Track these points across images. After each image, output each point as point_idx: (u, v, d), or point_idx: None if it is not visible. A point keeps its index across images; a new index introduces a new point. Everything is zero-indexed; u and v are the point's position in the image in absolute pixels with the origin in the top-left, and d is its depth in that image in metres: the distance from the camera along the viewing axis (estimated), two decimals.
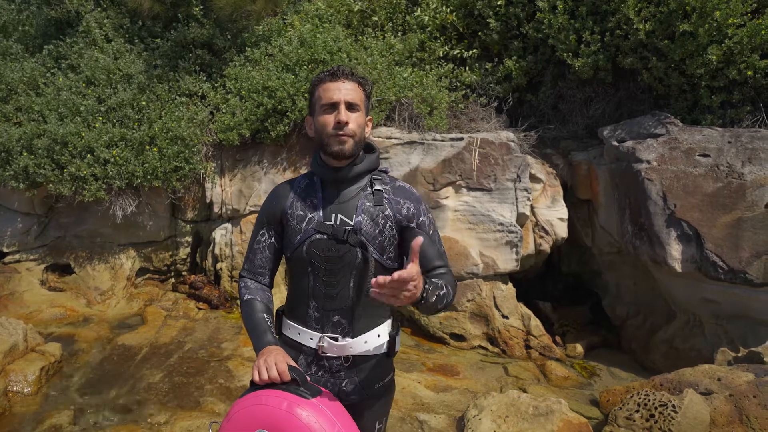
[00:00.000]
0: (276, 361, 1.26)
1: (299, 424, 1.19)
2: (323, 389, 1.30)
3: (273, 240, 1.50)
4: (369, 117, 1.47)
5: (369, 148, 1.48)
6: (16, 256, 4.75)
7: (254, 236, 1.53)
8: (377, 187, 1.44)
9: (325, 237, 1.41)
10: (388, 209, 1.44)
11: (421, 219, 1.47)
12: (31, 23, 5.30)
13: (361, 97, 1.40)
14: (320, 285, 1.43)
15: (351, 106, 1.37)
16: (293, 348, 1.48)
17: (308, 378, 1.31)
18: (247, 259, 1.54)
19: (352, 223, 1.41)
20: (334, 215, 1.42)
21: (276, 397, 1.23)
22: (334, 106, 1.36)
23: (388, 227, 1.44)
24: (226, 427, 1.26)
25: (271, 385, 1.26)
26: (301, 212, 1.44)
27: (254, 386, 1.28)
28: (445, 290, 1.33)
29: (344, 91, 1.36)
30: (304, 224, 1.43)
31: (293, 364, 1.30)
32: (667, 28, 4.26)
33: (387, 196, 1.45)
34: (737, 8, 3.95)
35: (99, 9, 5.09)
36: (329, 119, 1.36)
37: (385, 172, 1.51)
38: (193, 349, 3.88)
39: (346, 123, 1.35)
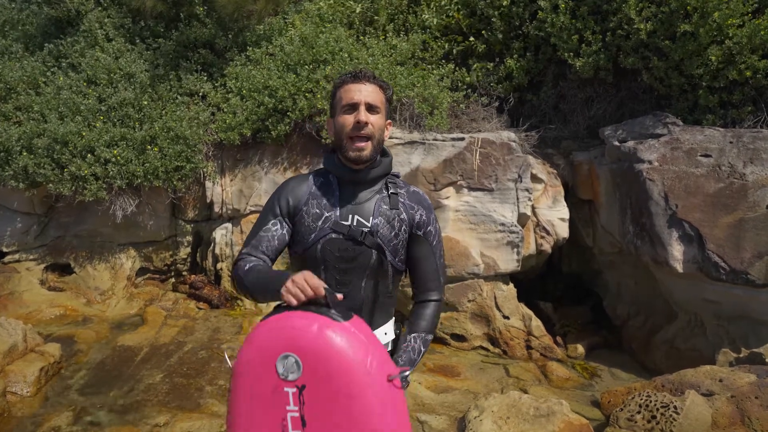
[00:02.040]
0: (305, 277, 1.17)
1: (331, 348, 1.11)
2: (354, 314, 1.23)
3: (284, 231, 1.46)
4: (389, 121, 1.48)
5: (383, 152, 1.49)
6: (16, 256, 4.74)
7: (262, 223, 1.47)
8: (393, 190, 1.47)
9: (341, 237, 1.41)
10: (404, 213, 1.46)
11: (428, 228, 1.49)
12: (32, 22, 5.29)
13: (382, 99, 1.41)
14: (332, 284, 1.42)
15: (371, 108, 1.38)
16: None
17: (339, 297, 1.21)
18: (249, 243, 1.46)
19: (369, 225, 1.42)
20: (350, 216, 1.42)
21: (305, 319, 1.13)
22: (354, 107, 1.37)
23: (403, 231, 1.46)
24: (248, 351, 1.17)
25: (297, 306, 1.16)
26: (317, 210, 1.43)
27: (278, 308, 1.19)
28: (420, 354, 1.45)
29: (365, 92, 1.37)
30: (320, 222, 1.42)
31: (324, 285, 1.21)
32: (668, 29, 4.25)
33: (402, 200, 1.48)
34: (737, 9, 3.95)
35: (100, 8, 5.08)
36: (349, 119, 1.37)
37: (397, 176, 1.53)
38: (193, 349, 3.87)
39: (366, 123, 1.36)
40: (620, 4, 4.37)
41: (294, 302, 1.16)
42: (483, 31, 5.16)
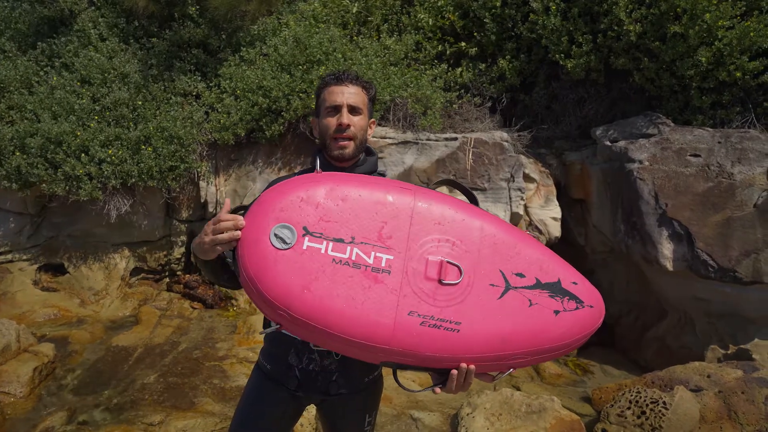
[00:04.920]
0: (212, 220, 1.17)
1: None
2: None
3: None
4: (372, 120, 1.50)
5: (368, 151, 1.51)
6: (9, 256, 4.72)
7: None
8: None
9: None
10: None
11: None
12: (24, 21, 5.26)
13: (365, 100, 1.43)
14: None
15: (353, 110, 1.40)
16: (284, 342, 1.48)
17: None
18: None
19: None
20: None
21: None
22: (336, 109, 1.40)
23: None
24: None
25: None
26: None
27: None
28: None
29: (347, 94, 1.40)
30: None
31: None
32: (658, 30, 4.30)
33: None
34: (726, 11, 4.00)
35: (93, 8, 5.07)
36: (332, 121, 1.40)
37: (383, 174, 1.54)
38: (187, 349, 3.87)
39: (348, 126, 1.38)
40: (610, 6, 4.41)
41: (224, 238, 1.14)
42: (475, 33, 5.20)
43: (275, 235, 1.10)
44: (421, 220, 1.13)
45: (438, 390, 1.19)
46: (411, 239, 1.12)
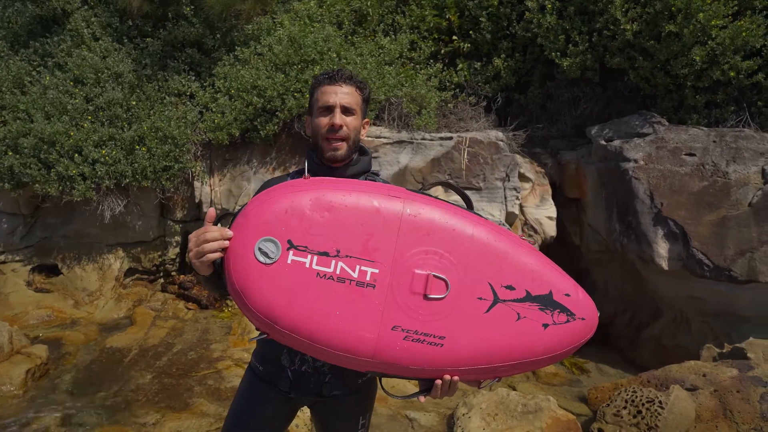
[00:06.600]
0: (195, 234, 1.16)
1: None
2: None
3: None
4: (366, 120, 1.48)
5: (362, 150, 1.49)
6: (1, 257, 4.69)
7: None
8: None
9: None
10: None
11: None
12: (16, 20, 5.22)
13: (358, 101, 1.41)
14: None
15: (346, 110, 1.38)
16: (276, 344, 1.45)
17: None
18: None
19: None
20: None
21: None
22: (329, 109, 1.38)
23: None
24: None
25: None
26: None
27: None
28: None
29: (341, 94, 1.38)
30: None
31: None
32: (653, 29, 4.31)
33: None
34: (720, 10, 4.01)
35: (86, 7, 5.03)
36: (324, 121, 1.38)
37: (377, 174, 1.53)
38: (182, 350, 3.85)
39: (340, 126, 1.37)
40: (606, 4, 4.41)
41: (213, 249, 1.13)
42: (471, 32, 5.19)
43: (259, 249, 1.10)
44: (409, 230, 1.12)
45: (422, 399, 1.20)
46: (398, 251, 1.11)
